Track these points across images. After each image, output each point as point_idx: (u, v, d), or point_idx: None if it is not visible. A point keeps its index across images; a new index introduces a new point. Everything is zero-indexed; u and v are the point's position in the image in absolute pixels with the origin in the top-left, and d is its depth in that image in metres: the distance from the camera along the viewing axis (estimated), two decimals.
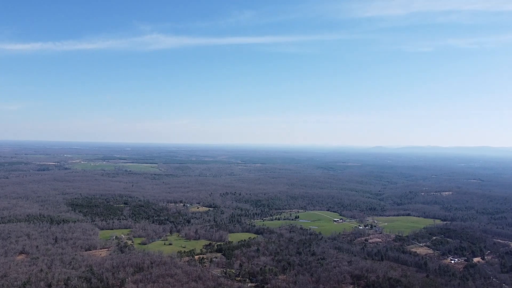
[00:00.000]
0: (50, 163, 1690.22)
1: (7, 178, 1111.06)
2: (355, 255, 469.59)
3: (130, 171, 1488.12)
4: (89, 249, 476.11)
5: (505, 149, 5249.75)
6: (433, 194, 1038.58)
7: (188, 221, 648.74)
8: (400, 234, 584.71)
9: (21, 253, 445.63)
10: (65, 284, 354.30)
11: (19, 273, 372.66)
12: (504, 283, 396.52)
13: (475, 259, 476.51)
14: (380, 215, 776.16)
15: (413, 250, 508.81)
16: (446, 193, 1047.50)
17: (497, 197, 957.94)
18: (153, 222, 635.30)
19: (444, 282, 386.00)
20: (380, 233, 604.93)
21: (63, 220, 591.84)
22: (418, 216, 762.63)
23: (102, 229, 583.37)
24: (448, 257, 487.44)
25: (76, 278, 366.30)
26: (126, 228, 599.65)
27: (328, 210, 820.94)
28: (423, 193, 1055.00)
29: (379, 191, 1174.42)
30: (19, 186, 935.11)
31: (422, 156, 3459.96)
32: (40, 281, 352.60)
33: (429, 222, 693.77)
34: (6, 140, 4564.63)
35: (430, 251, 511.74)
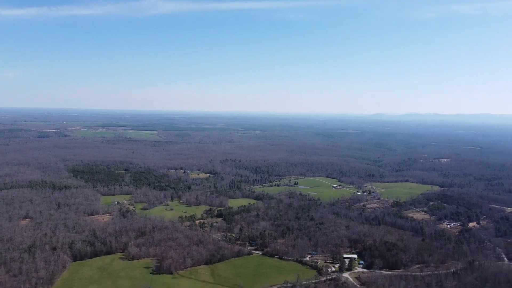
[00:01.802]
0: (50, 130, 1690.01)
1: (7, 145, 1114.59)
2: (353, 220, 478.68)
3: (130, 138, 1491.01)
4: (91, 214, 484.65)
5: (506, 116, 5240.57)
6: (432, 161, 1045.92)
7: (189, 187, 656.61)
8: (398, 200, 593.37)
9: (25, 218, 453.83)
10: (69, 247, 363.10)
11: (24, 237, 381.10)
12: (498, 246, 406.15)
13: (471, 224, 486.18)
14: (378, 182, 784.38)
15: (410, 215, 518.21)
16: (445, 160, 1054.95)
17: (495, 164, 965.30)
18: (154, 188, 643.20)
19: (439, 245, 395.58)
20: (378, 199, 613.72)
21: (65, 186, 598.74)
22: (416, 183, 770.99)
23: (103, 195, 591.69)
24: (444, 222, 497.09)
25: (80, 242, 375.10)
26: (127, 194, 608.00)
27: (327, 176, 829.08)
28: (421, 160, 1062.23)
29: (378, 158, 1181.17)
30: (20, 153, 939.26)
31: (422, 124, 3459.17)
32: (45, 245, 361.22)
33: (426, 188, 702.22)
34: (5, 107, 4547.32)
35: (427, 216, 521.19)
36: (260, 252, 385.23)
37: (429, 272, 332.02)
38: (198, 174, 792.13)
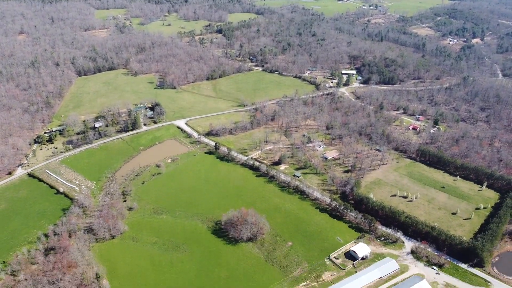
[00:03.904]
0: None
1: None
2: (355, 36, 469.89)
3: None
4: (88, 30, 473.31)
5: None
6: None
7: (186, 1, 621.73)
8: (404, 15, 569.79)
9: (20, 33, 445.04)
10: (72, 63, 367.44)
11: (25, 53, 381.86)
12: (496, 63, 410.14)
13: (474, 40, 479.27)
14: None
15: (415, 31, 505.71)
16: None
17: None
18: (149, 1, 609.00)
19: (438, 62, 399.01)
20: (384, 14, 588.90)
21: None
22: None
23: (97, 8, 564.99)
24: (448, 38, 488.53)
25: (81, 58, 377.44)
26: (121, 8, 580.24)
27: None
28: None
29: None
30: None
31: None
32: (47, 60, 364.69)
33: (437, 1, 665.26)
34: None
35: (431, 32, 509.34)
36: (260, 68, 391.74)
37: (423, 88, 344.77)
38: None
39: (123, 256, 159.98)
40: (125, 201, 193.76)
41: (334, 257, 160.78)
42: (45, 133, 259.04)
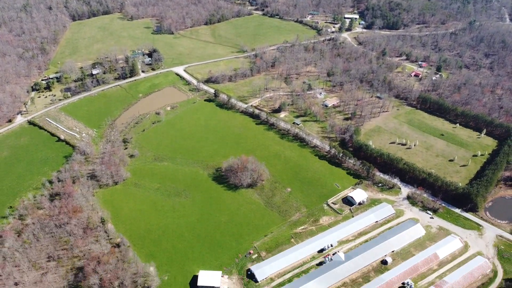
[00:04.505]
0: None
1: None
2: None
3: None
4: None
5: None
6: None
7: None
8: None
9: None
10: (65, 6, 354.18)
11: None
12: (504, 6, 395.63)
13: None
14: None
15: None
16: None
17: None
18: None
19: (444, 5, 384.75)
20: None
21: None
22: None
23: None
24: None
25: (74, 1, 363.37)
26: None
27: None
28: None
29: None
30: None
31: None
32: (39, 4, 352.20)
33: None
34: None
35: None
36: (260, 13, 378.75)
37: (427, 33, 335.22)
38: None
39: (127, 201, 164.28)
40: (126, 148, 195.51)
41: (332, 203, 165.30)
42: (42, 80, 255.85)
